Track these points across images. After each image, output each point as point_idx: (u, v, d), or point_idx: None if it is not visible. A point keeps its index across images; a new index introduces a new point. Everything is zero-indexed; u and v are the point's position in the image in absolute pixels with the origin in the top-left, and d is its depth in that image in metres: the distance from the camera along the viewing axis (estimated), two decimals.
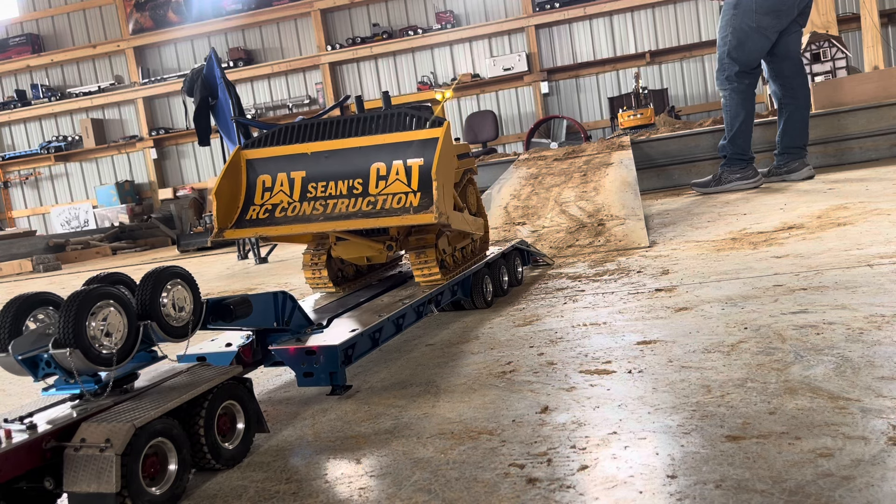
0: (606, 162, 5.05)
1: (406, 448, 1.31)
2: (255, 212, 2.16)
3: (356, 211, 2.06)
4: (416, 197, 2.02)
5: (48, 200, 12.95)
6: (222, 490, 1.24)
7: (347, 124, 2.16)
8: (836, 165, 5.94)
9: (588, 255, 3.33)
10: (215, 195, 2.13)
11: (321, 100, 11.58)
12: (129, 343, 1.27)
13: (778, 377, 1.41)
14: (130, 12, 12.19)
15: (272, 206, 2.16)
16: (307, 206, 2.14)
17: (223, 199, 2.15)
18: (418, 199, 2.01)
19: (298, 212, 2.13)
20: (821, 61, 7.31)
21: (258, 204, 2.17)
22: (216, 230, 2.15)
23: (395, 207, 2.03)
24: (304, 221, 2.08)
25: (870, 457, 1.04)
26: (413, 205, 2.01)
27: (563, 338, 1.93)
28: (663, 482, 1.05)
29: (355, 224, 2.03)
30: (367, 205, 2.07)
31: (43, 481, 1.13)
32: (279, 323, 1.73)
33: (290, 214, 2.13)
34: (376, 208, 2.05)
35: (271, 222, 2.14)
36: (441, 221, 1.99)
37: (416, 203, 2.01)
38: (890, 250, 2.42)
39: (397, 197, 2.05)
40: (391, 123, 2.11)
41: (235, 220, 2.16)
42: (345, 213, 2.07)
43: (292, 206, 2.15)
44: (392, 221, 1.99)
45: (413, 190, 2.04)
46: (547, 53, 11.04)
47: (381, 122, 2.13)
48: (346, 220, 2.04)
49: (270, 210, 2.16)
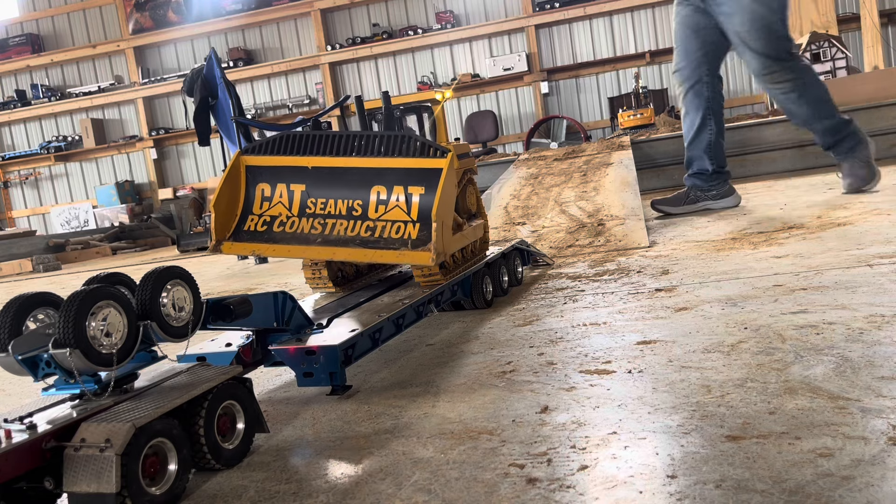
0: (606, 162, 5.05)
1: (406, 448, 1.31)
2: (254, 222, 2.15)
3: (354, 236, 2.07)
4: (416, 229, 2.03)
5: (48, 200, 12.95)
6: (222, 490, 1.24)
7: (352, 141, 2.14)
8: (837, 165, 5.93)
9: (588, 255, 3.33)
10: (213, 206, 2.12)
11: (321, 100, 11.58)
12: (129, 343, 1.27)
13: (778, 377, 1.41)
14: (130, 12, 12.19)
15: (270, 219, 2.15)
16: (305, 223, 2.13)
17: (221, 206, 2.15)
18: (417, 232, 2.02)
19: (297, 228, 2.13)
20: (821, 61, 7.30)
21: (257, 214, 2.16)
22: (213, 242, 2.14)
23: (393, 237, 2.03)
24: (302, 242, 2.08)
25: (870, 457, 1.04)
26: (412, 237, 2.01)
27: (563, 338, 1.93)
28: (663, 482, 1.05)
29: (352, 255, 2.04)
30: (366, 230, 2.07)
31: (43, 481, 1.13)
32: (279, 323, 1.73)
33: (289, 231, 2.12)
34: (374, 236, 2.05)
35: (269, 238, 2.14)
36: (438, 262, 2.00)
37: (415, 235, 2.01)
38: (890, 250, 2.42)
39: (396, 226, 2.05)
40: (396, 147, 2.09)
41: (233, 230, 2.15)
42: (343, 236, 2.07)
43: (291, 220, 2.14)
44: (389, 257, 1.99)
45: (413, 220, 2.04)
46: (547, 53, 11.04)
47: (385, 143, 2.11)
48: (343, 248, 2.04)
49: (269, 222, 2.15)
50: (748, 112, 9.66)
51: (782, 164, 6.21)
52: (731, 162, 6.29)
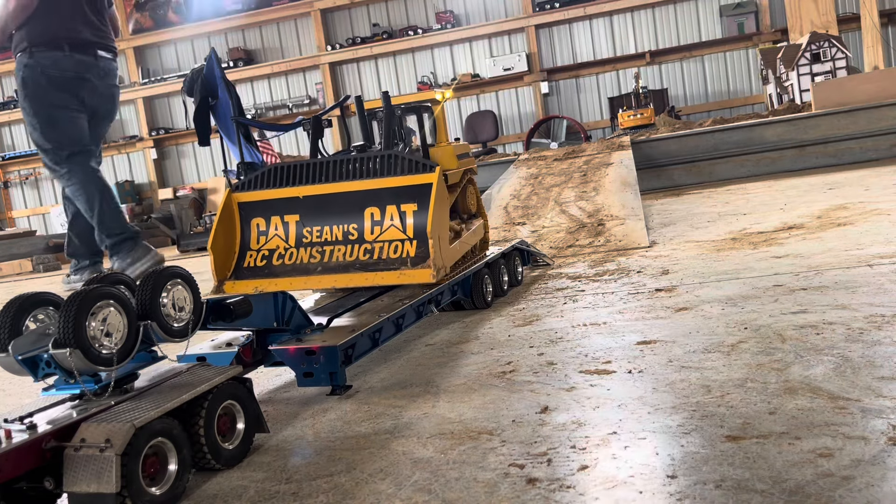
0: (606, 162, 5.05)
1: (406, 448, 1.31)
2: (253, 258, 2.18)
3: (353, 261, 2.09)
4: (413, 246, 2.04)
5: (48, 200, 12.94)
6: (222, 490, 1.24)
7: (339, 166, 2.15)
8: (836, 165, 5.94)
9: (588, 255, 3.33)
10: (211, 248, 2.14)
11: (321, 100, 11.58)
12: (129, 343, 1.27)
13: (778, 377, 1.41)
14: (130, 12, 12.19)
15: (269, 253, 2.18)
16: (304, 253, 2.15)
17: (219, 246, 2.16)
18: (415, 249, 2.04)
19: (296, 259, 2.15)
20: (821, 61, 7.30)
21: (255, 249, 2.18)
22: (215, 284, 2.16)
23: (392, 257, 2.05)
24: (303, 273, 2.10)
25: (870, 457, 1.04)
26: (410, 255, 2.03)
27: (563, 338, 1.93)
28: (663, 482, 1.05)
29: (354, 280, 2.05)
30: (364, 253, 2.09)
31: (43, 481, 1.13)
32: (279, 323, 1.73)
33: (288, 263, 2.15)
34: (373, 258, 2.07)
35: (270, 272, 2.16)
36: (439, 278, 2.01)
37: (413, 253, 2.03)
38: (890, 250, 2.42)
39: (394, 245, 2.06)
40: (383, 166, 2.11)
41: (233, 268, 2.18)
42: (342, 262, 2.09)
43: (289, 252, 2.16)
44: (390, 278, 2.01)
45: (409, 237, 2.06)
46: (547, 53, 11.04)
47: (372, 164, 2.12)
48: (344, 274, 2.06)
49: (267, 256, 2.17)
50: (748, 112, 9.66)
51: (782, 164, 6.20)
52: (732, 162, 6.35)
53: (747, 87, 10.42)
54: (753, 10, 10.08)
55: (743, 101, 10.39)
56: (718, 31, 10.37)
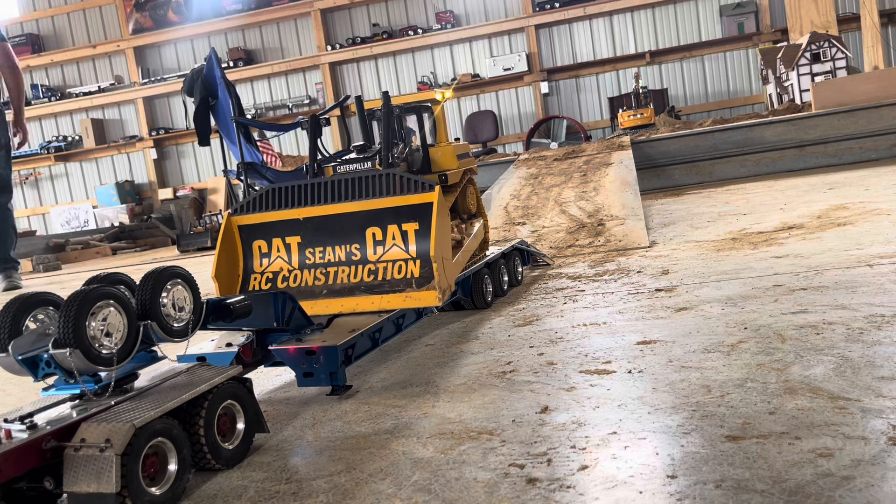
0: (606, 162, 5.05)
1: (406, 448, 1.31)
2: (257, 281, 2.17)
3: (358, 283, 2.08)
4: (417, 265, 2.03)
5: (48, 200, 12.95)
6: (222, 490, 1.24)
7: (338, 187, 2.14)
8: (836, 165, 5.94)
9: (588, 255, 3.33)
10: (215, 275, 2.13)
11: (321, 100, 11.58)
12: (129, 343, 1.27)
13: (778, 377, 1.41)
14: (130, 12, 12.19)
15: (273, 275, 2.17)
16: (308, 275, 2.14)
17: (222, 271, 2.14)
18: (419, 268, 2.03)
19: (300, 281, 2.13)
20: (821, 61, 7.30)
21: (258, 272, 2.17)
22: None
23: (396, 278, 2.04)
24: (308, 296, 2.08)
25: (870, 457, 1.04)
26: (415, 275, 2.02)
27: (563, 338, 1.93)
28: (663, 482, 1.05)
29: (360, 304, 2.03)
30: (368, 274, 2.08)
31: (43, 481, 1.13)
32: (279, 323, 1.73)
33: (293, 285, 2.14)
34: (378, 279, 2.06)
35: None
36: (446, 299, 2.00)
37: (417, 273, 2.02)
38: (890, 250, 2.42)
39: (397, 265, 2.06)
40: (382, 186, 2.09)
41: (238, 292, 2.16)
42: (347, 284, 2.08)
43: (293, 274, 2.15)
44: (396, 302, 1.99)
45: (412, 257, 2.05)
46: (547, 53, 11.04)
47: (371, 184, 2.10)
48: (350, 298, 2.05)
49: (272, 279, 2.16)
50: (748, 112, 9.66)
51: (782, 164, 6.20)
52: (732, 162, 6.35)
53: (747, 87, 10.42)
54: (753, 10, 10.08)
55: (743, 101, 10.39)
56: (718, 31, 10.37)
